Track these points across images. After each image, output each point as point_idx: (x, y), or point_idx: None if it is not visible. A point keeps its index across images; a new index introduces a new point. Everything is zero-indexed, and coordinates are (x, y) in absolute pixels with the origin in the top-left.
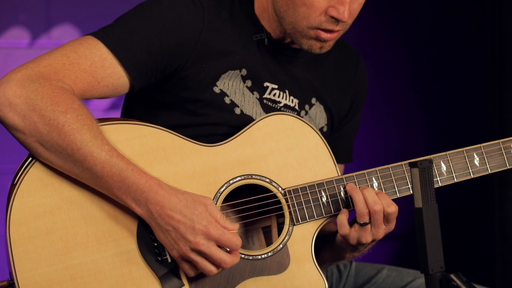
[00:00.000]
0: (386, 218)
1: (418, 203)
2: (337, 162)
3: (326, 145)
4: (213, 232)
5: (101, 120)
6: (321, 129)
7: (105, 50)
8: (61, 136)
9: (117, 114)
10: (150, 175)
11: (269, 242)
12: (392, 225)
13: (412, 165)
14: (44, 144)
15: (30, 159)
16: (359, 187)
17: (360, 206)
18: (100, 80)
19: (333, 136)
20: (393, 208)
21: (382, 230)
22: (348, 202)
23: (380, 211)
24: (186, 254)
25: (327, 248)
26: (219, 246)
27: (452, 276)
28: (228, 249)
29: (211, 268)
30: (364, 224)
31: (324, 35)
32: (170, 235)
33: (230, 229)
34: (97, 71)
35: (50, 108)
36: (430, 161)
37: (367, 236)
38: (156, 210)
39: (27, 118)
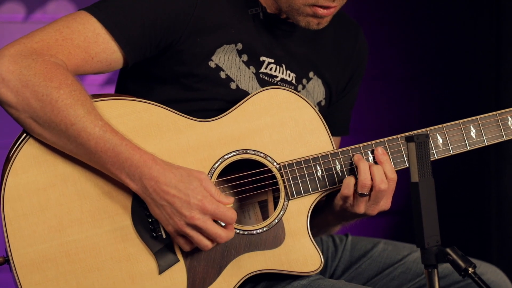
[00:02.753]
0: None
1: (415, 178)
2: (334, 135)
3: (321, 119)
4: (208, 206)
5: (95, 96)
6: (319, 103)
7: (98, 25)
8: (54, 112)
9: (113, 89)
10: (144, 150)
11: (265, 216)
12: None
13: (408, 139)
14: (37, 120)
15: (24, 135)
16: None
17: (363, 176)
18: (93, 56)
19: (330, 109)
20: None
21: (378, 208)
22: (344, 177)
23: (385, 190)
24: (181, 229)
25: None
26: (214, 221)
27: (448, 250)
28: (223, 224)
29: (206, 243)
30: (362, 195)
31: (321, 11)
32: (165, 210)
33: (225, 203)
34: (91, 47)
35: (43, 84)
36: (427, 135)
37: (360, 207)
38: (151, 185)
39: (20, 94)
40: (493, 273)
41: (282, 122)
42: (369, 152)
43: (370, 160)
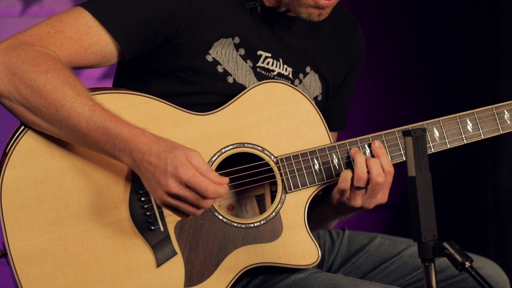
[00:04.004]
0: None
1: (412, 172)
2: (331, 130)
3: (318, 112)
4: (182, 173)
5: (92, 89)
6: (315, 98)
7: (90, 18)
8: (43, 96)
9: (110, 83)
10: (134, 125)
11: (262, 210)
12: (384, 195)
13: (405, 133)
14: (29, 107)
15: (22, 128)
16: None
17: (359, 169)
18: (86, 47)
19: (327, 104)
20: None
21: (375, 201)
22: (341, 170)
23: (382, 183)
24: (164, 199)
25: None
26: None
27: (445, 244)
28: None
29: (191, 210)
30: (359, 188)
31: (323, 1)
32: (149, 182)
33: (216, 182)
34: (83, 38)
35: (30, 69)
36: (424, 130)
37: (357, 200)
38: (138, 158)
39: (10, 82)
40: (490, 267)
41: (279, 115)
42: (366, 145)
43: (367, 154)
